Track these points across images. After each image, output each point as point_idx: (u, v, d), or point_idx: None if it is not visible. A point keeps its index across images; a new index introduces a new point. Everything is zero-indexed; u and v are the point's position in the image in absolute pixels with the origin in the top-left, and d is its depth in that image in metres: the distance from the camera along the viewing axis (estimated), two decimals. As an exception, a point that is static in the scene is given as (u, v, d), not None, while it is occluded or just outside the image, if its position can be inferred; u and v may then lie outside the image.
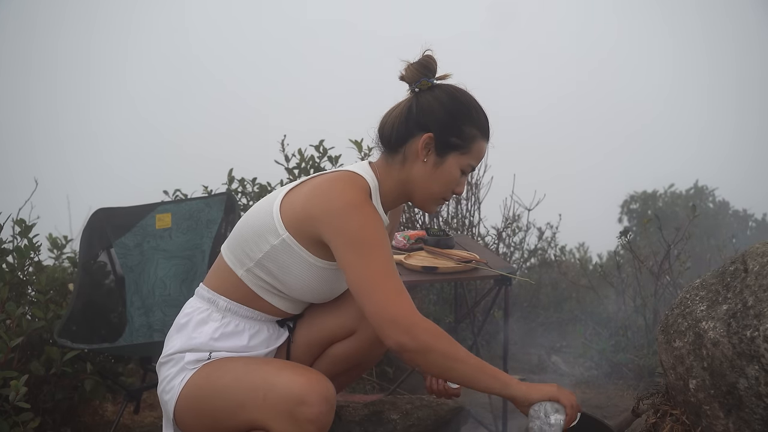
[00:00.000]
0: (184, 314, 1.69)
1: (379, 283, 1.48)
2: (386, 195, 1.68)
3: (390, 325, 1.45)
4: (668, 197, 11.98)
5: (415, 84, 1.64)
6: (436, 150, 1.63)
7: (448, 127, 1.62)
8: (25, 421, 2.16)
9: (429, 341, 1.45)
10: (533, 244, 4.46)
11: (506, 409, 2.51)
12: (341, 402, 2.17)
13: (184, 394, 1.59)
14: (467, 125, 1.63)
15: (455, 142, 1.63)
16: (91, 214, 2.48)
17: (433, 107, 1.62)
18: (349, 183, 1.57)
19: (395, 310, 1.46)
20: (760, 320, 1.79)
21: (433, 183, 1.65)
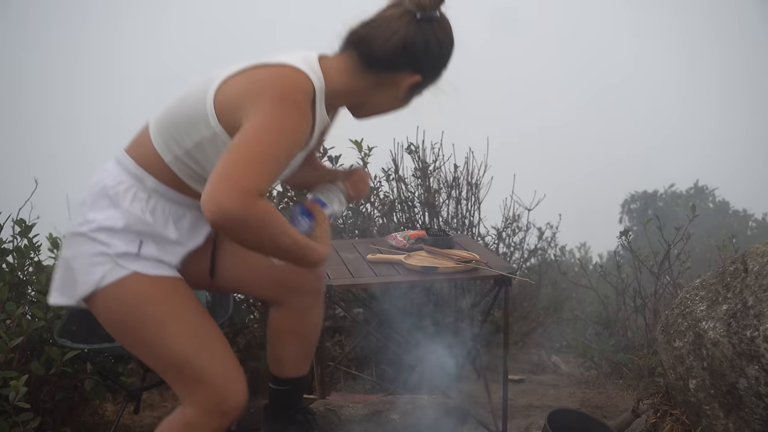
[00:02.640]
0: (107, 185, 1.57)
1: (249, 155, 1.37)
2: (334, 99, 1.60)
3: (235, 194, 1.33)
4: (668, 197, 11.98)
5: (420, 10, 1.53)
6: (415, 91, 1.62)
7: (436, 72, 1.61)
8: (25, 421, 2.16)
9: (254, 218, 1.36)
10: (533, 244, 4.46)
11: (506, 409, 2.51)
12: (341, 402, 2.17)
13: (111, 296, 1.54)
14: (445, 63, 1.61)
15: (429, 85, 1.62)
16: None
17: (433, 50, 1.55)
18: (290, 85, 1.47)
19: (244, 183, 1.34)
20: (760, 320, 1.79)
21: (390, 108, 1.66)
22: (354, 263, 2.56)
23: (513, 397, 2.91)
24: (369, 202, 3.49)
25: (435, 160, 3.84)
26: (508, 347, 2.51)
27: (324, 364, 2.41)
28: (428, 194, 3.76)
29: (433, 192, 3.78)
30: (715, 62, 23.91)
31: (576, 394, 3.08)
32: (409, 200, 3.77)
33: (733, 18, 23.22)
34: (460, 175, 3.87)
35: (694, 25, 25.50)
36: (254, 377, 2.99)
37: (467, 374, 3.21)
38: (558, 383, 3.25)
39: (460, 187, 3.88)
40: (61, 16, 24.13)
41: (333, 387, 2.98)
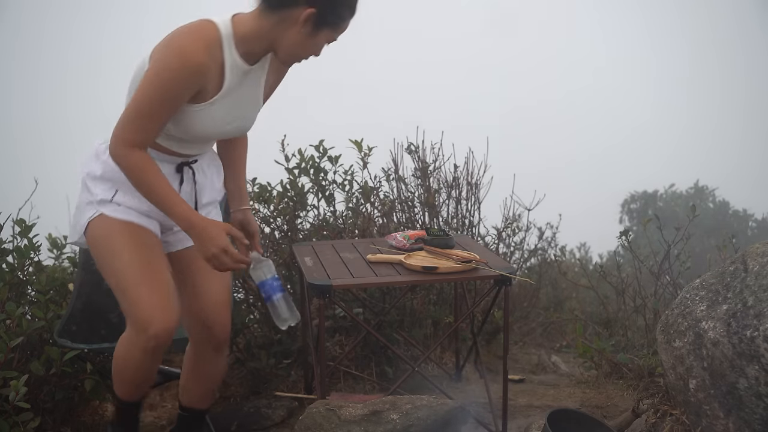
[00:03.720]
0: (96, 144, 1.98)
1: (132, 111, 1.78)
2: (248, 45, 1.83)
3: (115, 143, 1.79)
4: (668, 197, 11.98)
5: None
6: (313, 25, 1.78)
7: (330, 6, 1.78)
8: (25, 421, 2.16)
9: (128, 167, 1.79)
10: (533, 244, 4.46)
11: (506, 409, 2.51)
12: (341, 402, 2.17)
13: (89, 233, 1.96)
14: (344, 8, 1.81)
15: (331, 20, 1.80)
16: None
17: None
18: (198, 32, 1.78)
19: (122, 135, 1.78)
20: (760, 320, 1.79)
21: (301, 49, 1.84)
22: (354, 263, 2.56)
23: (513, 397, 2.91)
24: (369, 202, 3.49)
25: (435, 160, 3.84)
26: (508, 347, 2.51)
27: (324, 364, 2.41)
28: (428, 194, 3.76)
29: (433, 192, 3.78)
30: (715, 62, 23.91)
31: (576, 394, 3.07)
32: (409, 200, 3.77)
33: (732, 18, 23.23)
34: (460, 175, 3.87)
35: (695, 26, 25.49)
36: (254, 377, 2.99)
37: (467, 374, 3.21)
38: (558, 383, 3.25)
39: (460, 187, 3.88)
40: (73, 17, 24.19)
41: (333, 387, 2.98)
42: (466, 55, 25.52)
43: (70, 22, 24.12)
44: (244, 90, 1.92)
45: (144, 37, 1.99)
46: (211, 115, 1.88)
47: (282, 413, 2.75)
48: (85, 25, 24.23)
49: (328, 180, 3.35)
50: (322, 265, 2.53)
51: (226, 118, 1.92)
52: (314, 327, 2.72)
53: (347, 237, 3.39)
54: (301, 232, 3.35)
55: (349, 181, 3.42)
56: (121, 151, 1.79)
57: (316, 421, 2.10)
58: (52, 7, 24.08)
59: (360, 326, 2.99)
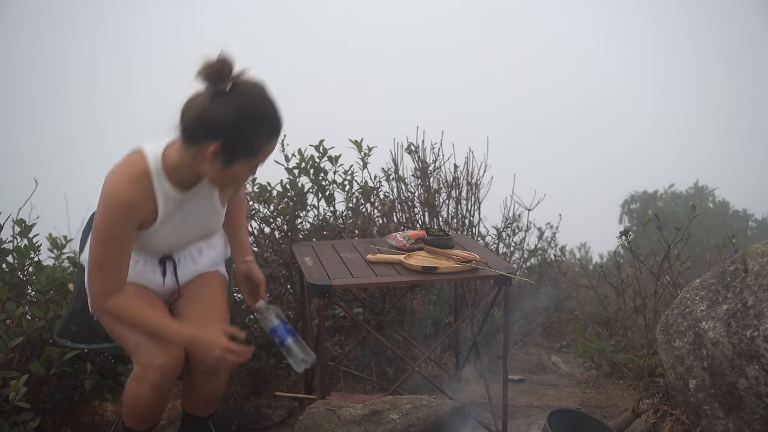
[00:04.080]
0: None
1: (93, 267, 1.89)
2: (178, 174, 1.88)
3: (93, 299, 1.92)
4: (668, 197, 11.97)
5: (209, 86, 1.74)
6: (223, 159, 1.77)
7: (234, 140, 1.76)
8: (25, 421, 2.16)
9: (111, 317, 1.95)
10: (533, 244, 4.45)
11: (506, 409, 2.51)
12: (341, 402, 2.18)
13: None
14: (253, 136, 1.78)
15: (242, 152, 1.79)
16: (92, 214, 2.48)
17: (220, 119, 1.73)
18: (123, 171, 1.86)
19: (94, 292, 1.91)
20: (760, 320, 1.79)
21: (222, 180, 1.88)
22: (354, 263, 2.56)
23: (513, 397, 2.91)
24: (369, 202, 3.49)
25: (435, 160, 3.84)
26: (508, 347, 2.51)
27: (324, 364, 2.41)
28: (428, 194, 3.76)
29: (433, 192, 3.78)
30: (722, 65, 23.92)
31: (576, 394, 3.07)
32: (409, 200, 3.77)
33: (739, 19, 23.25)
34: (460, 175, 3.87)
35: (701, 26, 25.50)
36: (254, 377, 2.99)
37: (467, 374, 3.21)
38: (558, 383, 3.25)
39: (460, 187, 3.88)
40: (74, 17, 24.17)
41: (333, 387, 2.98)
42: (468, 56, 25.54)
43: (66, 17, 24.11)
44: (188, 210, 1.99)
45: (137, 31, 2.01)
46: (159, 238, 2.00)
47: (282, 413, 2.75)
48: (81, 19, 24.21)
49: (328, 180, 3.35)
50: (322, 265, 2.53)
51: (177, 235, 2.04)
52: (314, 327, 2.72)
53: (347, 237, 3.39)
54: (301, 232, 3.35)
55: (349, 181, 3.42)
56: (98, 308, 1.94)
57: (316, 421, 2.10)
58: (47, 4, 24.07)
59: (360, 326, 2.99)
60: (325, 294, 2.31)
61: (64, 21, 24.19)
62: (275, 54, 27.04)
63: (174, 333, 1.96)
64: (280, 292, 3.26)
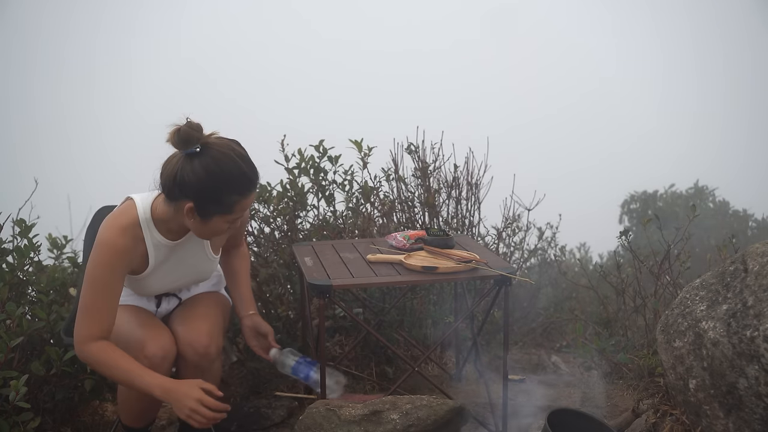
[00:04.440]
0: None
1: (80, 310, 1.94)
2: (168, 224, 1.99)
3: (76, 342, 1.94)
4: (668, 197, 11.97)
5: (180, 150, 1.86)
6: (199, 215, 1.89)
7: (206, 198, 1.87)
8: (25, 421, 2.16)
9: (90, 361, 1.95)
10: (533, 244, 4.45)
11: (506, 409, 2.51)
12: (341, 402, 2.17)
13: None
14: (224, 194, 1.87)
15: (215, 209, 1.89)
16: (95, 213, 2.48)
17: (192, 180, 1.84)
18: (116, 219, 1.97)
19: (78, 335, 1.94)
20: (760, 320, 1.79)
21: (203, 233, 1.97)
22: (354, 263, 2.56)
23: (513, 397, 2.91)
24: (369, 202, 3.49)
25: (435, 160, 3.84)
26: (508, 347, 2.51)
27: (324, 364, 2.41)
28: (428, 194, 3.76)
29: (433, 192, 3.78)
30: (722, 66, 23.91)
31: (576, 394, 3.08)
32: (409, 200, 3.77)
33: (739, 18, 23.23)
34: (460, 175, 3.87)
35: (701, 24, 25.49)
36: (254, 377, 2.99)
37: (467, 374, 3.21)
38: (558, 383, 3.25)
39: (460, 187, 3.88)
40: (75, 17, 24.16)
41: (333, 387, 2.98)
42: (468, 56, 25.54)
43: (67, 17, 24.09)
44: (179, 258, 2.09)
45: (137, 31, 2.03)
46: (152, 282, 2.09)
47: (282, 413, 2.75)
48: (82, 19, 24.19)
49: (328, 180, 3.35)
50: (322, 265, 2.53)
51: (170, 280, 2.13)
52: (314, 327, 2.73)
53: (347, 237, 3.39)
54: (301, 232, 3.35)
55: (349, 181, 3.42)
56: (80, 351, 1.95)
57: (316, 421, 2.10)
58: (48, 4, 24.05)
59: (360, 326, 2.99)
60: (325, 294, 2.31)
61: (65, 21, 24.18)
62: (274, 53, 27.04)
63: (150, 382, 1.92)
64: (280, 292, 3.26)
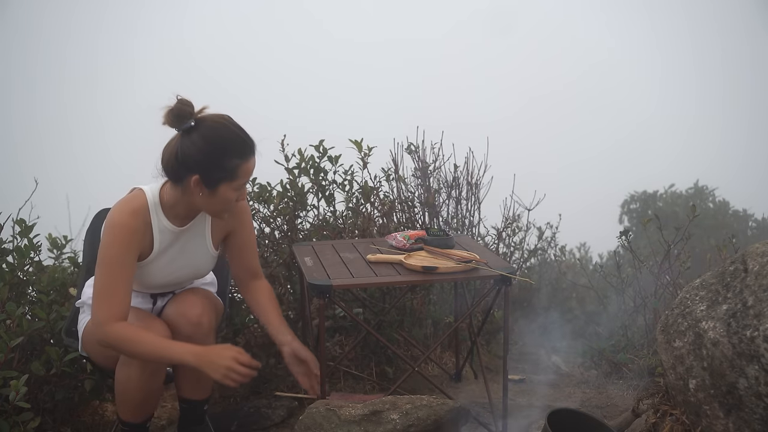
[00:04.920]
0: None
1: (97, 294, 1.97)
2: (175, 209, 2.06)
3: (96, 327, 1.96)
4: (668, 197, 11.98)
5: (176, 128, 1.95)
6: (206, 187, 1.96)
7: (210, 167, 1.94)
8: (25, 420, 2.16)
9: (115, 341, 1.95)
10: (533, 244, 4.45)
11: (506, 409, 2.51)
12: (341, 402, 2.17)
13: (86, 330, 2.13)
14: (226, 159, 1.94)
15: (221, 176, 1.95)
16: (95, 215, 2.48)
17: (192, 152, 1.93)
18: (125, 204, 2.03)
19: (99, 318, 1.95)
20: (760, 320, 1.79)
21: (214, 206, 2.02)
22: (354, 263, 2.56)
23: (513, 397, 2.91)
24: (369, 202, 3.49)
25: (435, 160, 3.84)
26: (508, 347, 2.51)
27: (324, 364, 2.41)
28: (428, 194, 3.76)
29: (433, 192, 3.78)
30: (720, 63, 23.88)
31: (576, 394, 3.08)
32: (409, 200, 3.77)
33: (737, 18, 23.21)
34: (460, 175, 3.87)
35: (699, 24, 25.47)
36: (255, 377, 2.99)
37: (467, 374, 3.21)
38: (558, 383, 3.25)
39: (460, 187, 3.88)
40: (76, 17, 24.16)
41: (333, 387, 2.98)
42: (468, 55, 25.52)
43: (68, 17, 24.09)
44: (181, 246, 2.13)
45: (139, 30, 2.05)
46: (153, 271, 2.12)
47: (282, 413, 2.75)
48: (83, 19, 24.19)
49: (328, 180, 3.35)
50: (322, 265, 2.53)
51: (170, 270, 2.15)
52: (314, 327, 2.73)
53: (347, 237, 3.39)
54: (301, 232, 3.35)
55: (349, 181, 3.42)
56: (104, 333, 1.95)
57: (316, 421, 2.10)
58: (49, 3, 24.05)
59: (360, 326, 2.99)
60: (325, 294, 2.31)
61: (67, 21, 24.17)
62: (279, 51, 27.01)
63: (181, 350, 1.98)
64: (280, 292, 3.26)
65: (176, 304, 2.18)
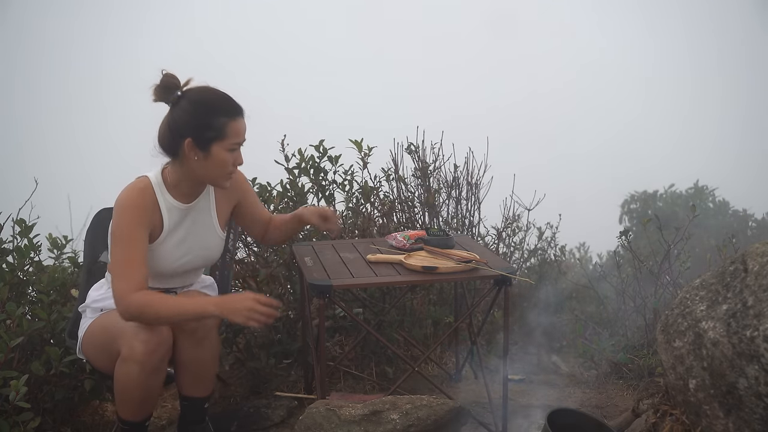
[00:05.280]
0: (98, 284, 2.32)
1: (114, 270, 2.03)
2: (179, 187, 2.14)
3: (118, 301, 1.99)
4: (668, 197, 11.98)
5: (166, 102, 2.06)
6: (199, 148, 2.04)
7: (199, 127, 2.03)
8: (25, 420, 2.16)
9: (136, 310, 1.97)
10: (533, 244, 4.45)
11: (506, 409, 2.51)
12: (341, 402, 2.18)
13: (87, 333, 2.17)
14: (214, 118, 2.03)
15: (211, 135, 2.03)
16: (95, 215, 2.48)
17: (182, 117, 2.04)
18: (131, 186, 2.10)
19: (118, 292, 1.99)
20: (760, 320, 1.79)
21: (212, 170, 2.08)
22: (354, 263, 2.56)
23: (513, 397, 2.91)
24: (369, 202, 3.49)
25: (435, 160, 3.84)
26: (508, 347, 2.51)
27: (324, 364, 2.41)
28: (428, 194, 3.76)
29: (433, 192, 3.78)
30: (716, 60, 23.90)
31: (576, 394, 3.08)
32: (409, 200, 3.77)
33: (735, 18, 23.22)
34: (460, 175, 3.87)
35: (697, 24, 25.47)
36: (254, 377, 3.00)
37: (467, 374, 3.21)
38: (558, 383, 3.25)
39: (460, 187, 3.88)
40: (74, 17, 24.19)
41: (333, 387, 2.98)
42: (469, 55, 25.54)
43: (72, 21, 24.12)
44: (189, 225, 2.19)
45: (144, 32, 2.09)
46: (164, 254, 2.15)
47: (282, 413, 2.75)
48: (88, 21, 24.23)
49: (328, 180, 3.35)
50: (322, 265, 2.53)
51: (179, 253, 2.19)
52: (314, 327, 2.72)
53: (347, 237, 3.39)
54: (301, 231, 3.35)
55: (349, 181, 3.42)
56: (125, 305, 1.98)
57: (316, 421, 2.10)
58: (54, 4, 24.08)
59: (360, 326, 2.99)
60: (325, 294, 2.31)
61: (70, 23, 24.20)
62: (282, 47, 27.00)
63: (202, 302, 2.01)
64: (280, 292, 3.26)
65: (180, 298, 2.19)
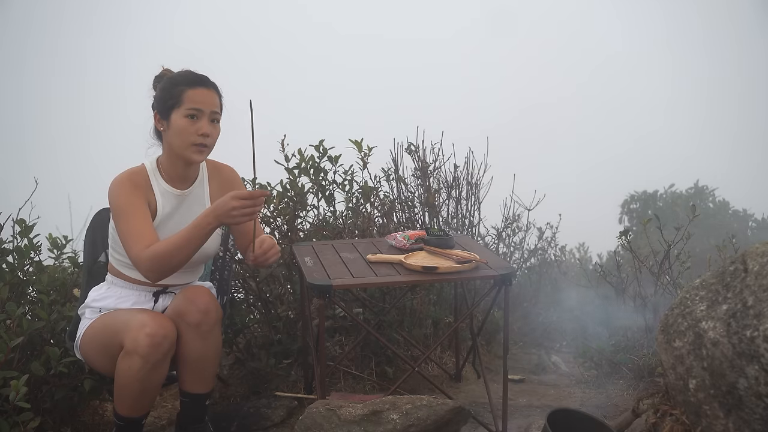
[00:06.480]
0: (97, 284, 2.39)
1: (123, 239, 2.12)
2: (169, 171, 2.26)
3: (136, 264, 2.10)
4: (668, 197, 11.98)
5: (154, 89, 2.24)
6: (163, 118, 2.20)
7: (161, 98, 2.20)
8: (25, 420, 2.16)
9: (151, 262, 2.06)
10: (533, 244, 4.46)
11: (506, 409, 2.51)
12: (341, 402, 2.17)
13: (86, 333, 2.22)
14: (172, 88, 2.18)
15: (170, 104, 2.17)
16: (95, 215, 2.49)
17: (155, 96, 2.23)
18: (126, 170, 2.22)
19: (132, 255, 2.10)
20: (760, 320, 1.79)
21: (175, 139, 2.18)
22: (354, 263, 2.56)
23: (513, 397, 2.91)
24: (369, 202, 3.49)
25: (435, 160, 3.84)
26: (508, 347, 2.51)
27: (324, 364, 2.41)
28: (428, 194, 3.76)
29: (433, 192, 3.78)
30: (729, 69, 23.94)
31: (576, 394, 3.08)
32: (409, 200, 3.78)
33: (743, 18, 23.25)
34: (460, 175, 3.87)
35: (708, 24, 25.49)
36: (254, 377, 3.00)
37: (467, 374, 3.21)
38: (558, 383, 3.25)
39: (460, 187, 3.88)
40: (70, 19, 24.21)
41: (333, 387, 2.98)
42: (468, 55, 25.53)
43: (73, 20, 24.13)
44: (184, 213, 2.27)
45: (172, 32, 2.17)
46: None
47: (282, 413, 2.75)
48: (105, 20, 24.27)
49: (328, 180, 3.35)
50: (322, 265, 2.53)
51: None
52: (314, 327, 2.73)
53: (347, 237, 3.39)
54: (301, 232, 3.35)
55: (349, 181, 3.42)
56: (141, 264, 2.08)
57: (316, 421, 2.10)
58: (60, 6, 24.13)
59: (360, 326, 2.99)
60: (325, 294, 2.31)
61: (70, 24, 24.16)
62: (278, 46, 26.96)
63: (202, 219, 2.05)
64: (280, 292, 3.26)
65: (184, 293, 2.19)
